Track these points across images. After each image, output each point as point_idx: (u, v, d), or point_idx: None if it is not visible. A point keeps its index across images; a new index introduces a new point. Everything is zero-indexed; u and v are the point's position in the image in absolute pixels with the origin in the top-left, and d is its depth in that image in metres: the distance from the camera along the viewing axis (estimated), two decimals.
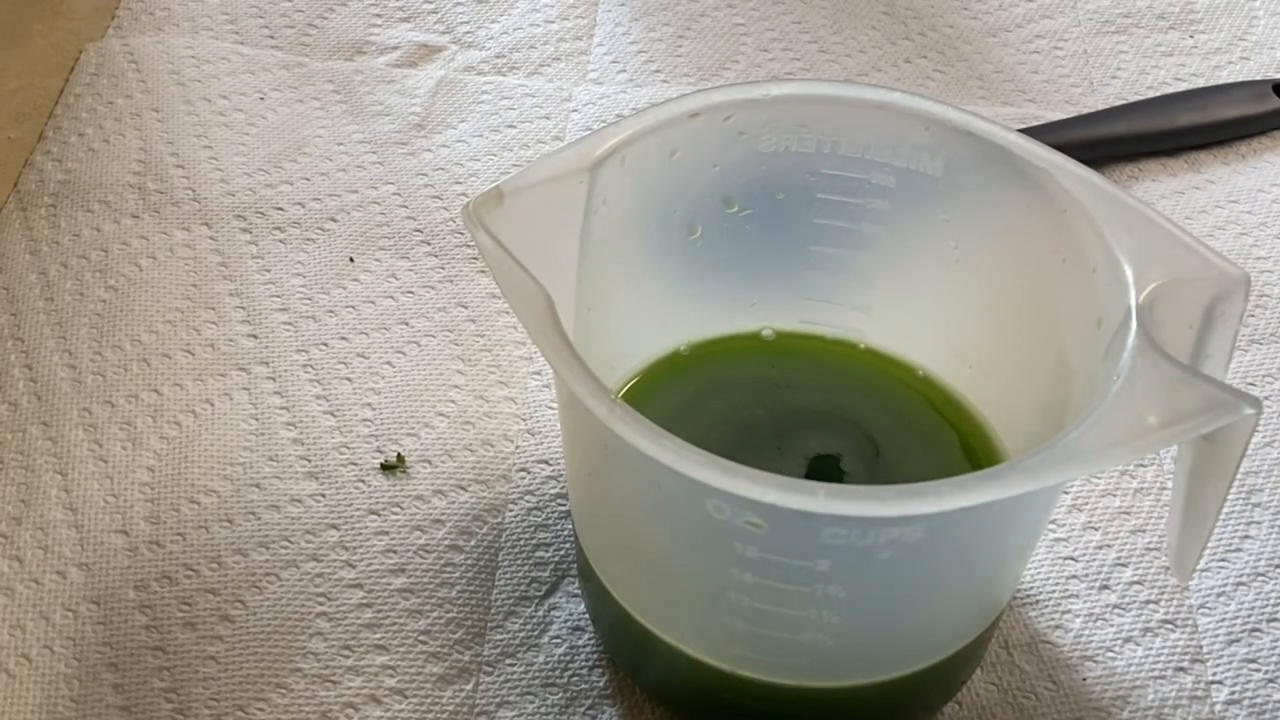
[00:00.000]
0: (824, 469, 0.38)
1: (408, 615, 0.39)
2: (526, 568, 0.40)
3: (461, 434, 0.43)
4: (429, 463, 0.43)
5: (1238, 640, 0.39)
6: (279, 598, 0.39)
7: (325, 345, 0.46)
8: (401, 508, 0.42)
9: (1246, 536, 0.41)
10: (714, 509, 0.29)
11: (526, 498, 0.42)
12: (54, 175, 0.51)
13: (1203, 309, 0.32)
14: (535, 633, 0.39)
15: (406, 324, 0.47)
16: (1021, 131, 0.37)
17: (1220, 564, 0.41)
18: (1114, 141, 0.52)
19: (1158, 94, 0.55)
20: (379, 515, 0.41)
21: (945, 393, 0.39)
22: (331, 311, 0.47)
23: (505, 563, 0.40)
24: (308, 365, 0.45)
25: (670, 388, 0.39)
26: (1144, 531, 0.41)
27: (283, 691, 0.38)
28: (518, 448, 0.43)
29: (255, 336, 0.46)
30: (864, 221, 0.38)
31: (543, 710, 0.37)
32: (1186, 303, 0.32)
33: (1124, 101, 0.54)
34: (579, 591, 0.39)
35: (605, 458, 0.33)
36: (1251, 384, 0.45)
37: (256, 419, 0.44)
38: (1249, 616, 0.40)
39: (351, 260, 0.49)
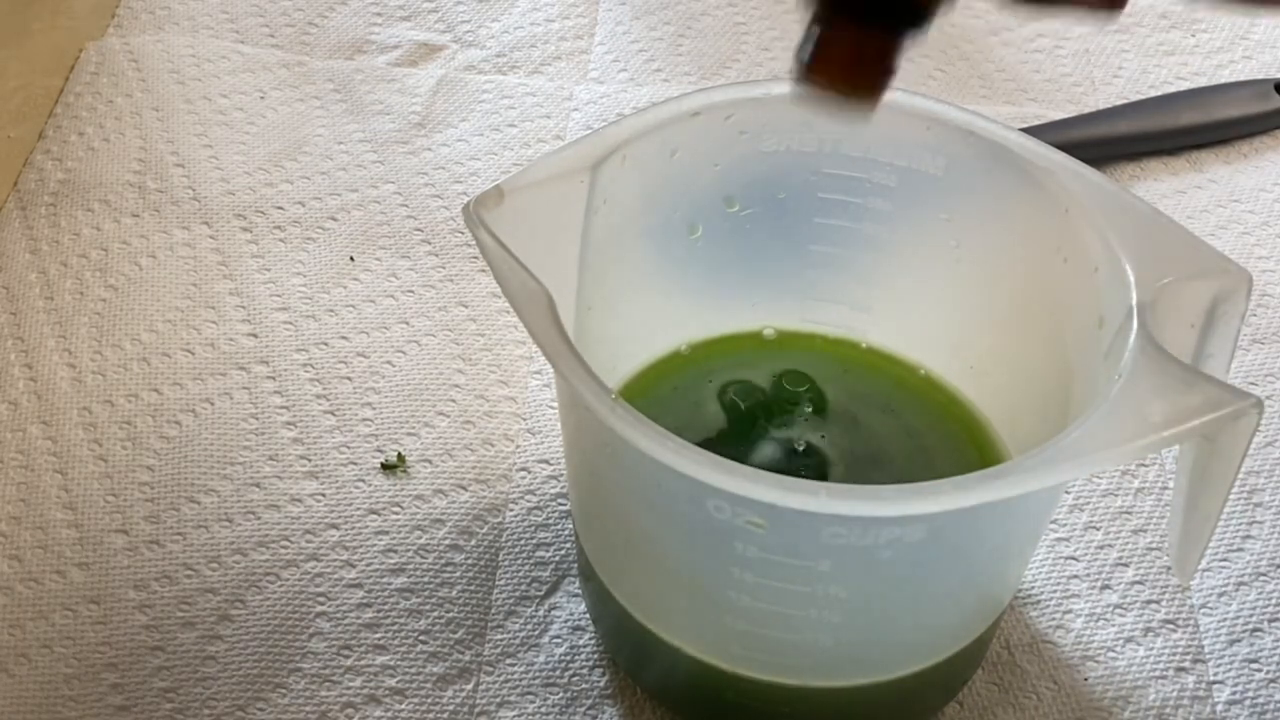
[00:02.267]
0: (824, 468, 0.38)
1: (408, 615, 0.39)
2: (527, 567, 0.40)
3: (462, 433, 0.43)
4: (429, 462, 0.43)
5: (1239, 640, 0.39)
6: (279, 597, 0.39)
7: (325, 344, 0.46)
8: (402, 507, 0.41)
9: (1248, 536, 0.41)
10: (714, 508, 0.29)
11: (527, 497, 0.42)
12: (54, 174, 0.51)
13: (1204, 308, 0.32)
14: (536, 632, 0.39)
15: (407, 323, 0.47)
16: (1023, 131, 0.37)
17: (1222, 564, 0.41)
18: (1116, 141, 0.52)
19: (1160, 93, 0.55)
20: (379, 515, 0.41)
21: (946, 392, 0.39)
22: (332, 311, 0.47)
23: (506, 562, 0.40)
24: (308, 364, 0.45)
25: (671, 387, 0.39)
26: (1145, 531, 0.41)
27: (282, 691, 0.37)
28: (518, 447, 0.43)
29: (255, 336, 0.46)
30: (865, 221, 0.38)
31: (543, 710, 0.37)
32: (1188, 302, 0.32)
33: (1126, 100, 0.54)
34: (579, 591, 0.39)
35: (606, 457, 0.33)
36: (1253, 384, 0.45)
37: (256, 418, 0.44)
38: (1250, 616, 0.39)
39: (352, 259, 0.48)
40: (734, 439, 0.38)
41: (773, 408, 0.39)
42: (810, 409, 0.39)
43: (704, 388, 0.40)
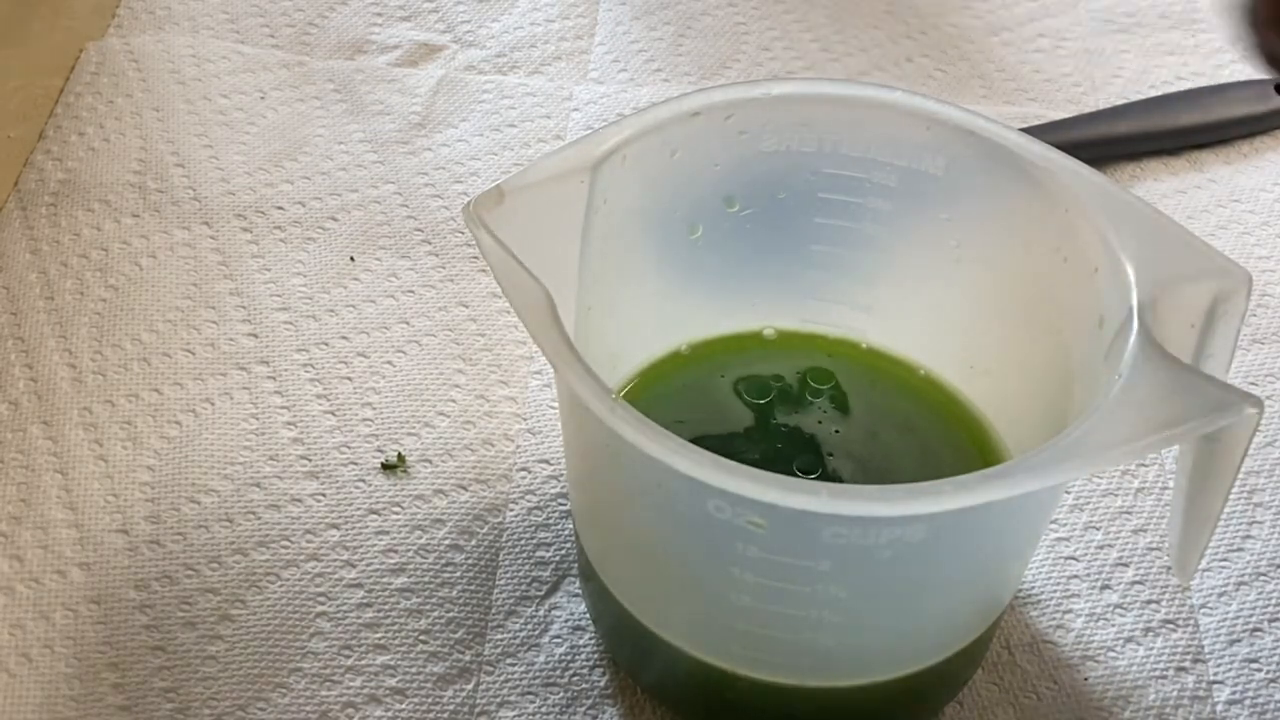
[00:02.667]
0: (825, 468, 0.38)
1: (408, 615, 0.39)
2: (527, 567, 0.40)
3: (462, 433, 0.43)
4: (429, 462, 0.43)
5: (1239, 640, 0.39)
6: (279, 597, 0.39)
7: (326, 344, 0.46)
8: (402, 507, 0.41)
9: (1248, 536, 0.41)
10: (715, 508, 0.29)
11: (527, 497, 0.42)
12: (54, 174, 0.51)
13: (1204, 308, 0.32)
14: (536, 632, 0.39)
15: (407, 323, 0.47)
16: (1023, 131, 0.37)
17: (1222, 564, 0.41)
18: (1116, 141, 0.52)
19: (1160, 93, 0.55)
20: (379, 515, 0.41)
21: (947, 392, 0.39)
22: (332, 311, 0.47)
23: (506, 562, 0.40)
24: (308, 364, 0.45)
25: (671, 387, 0.39)
26: (1145, 531, 0.41)
27: (283, 691, 0.37)
28: (518, 447, 0.43)
29: (255, 336, 0.46)
30: (865, 221, 0.38)
31: (543, 710, 0.37)
32: (1188, 302, 0.32)
33: (1126, 100, 0.54)
34: (580, 591, 0.39)
35: (606, 457, 0.33)
36: (1253, 384, 0.45)
37: (257, 418, 0.44)
38: (1250, 616, 0.39)
39: (352, 259, 0.48)
40: (734, 439, 0.38)
41: (773, 408, 0.39)
42: (810, 409, 0.39)
43: (706, 386, 0.40)
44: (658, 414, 0.29)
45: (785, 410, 0.39)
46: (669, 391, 0.39)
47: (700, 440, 0.28)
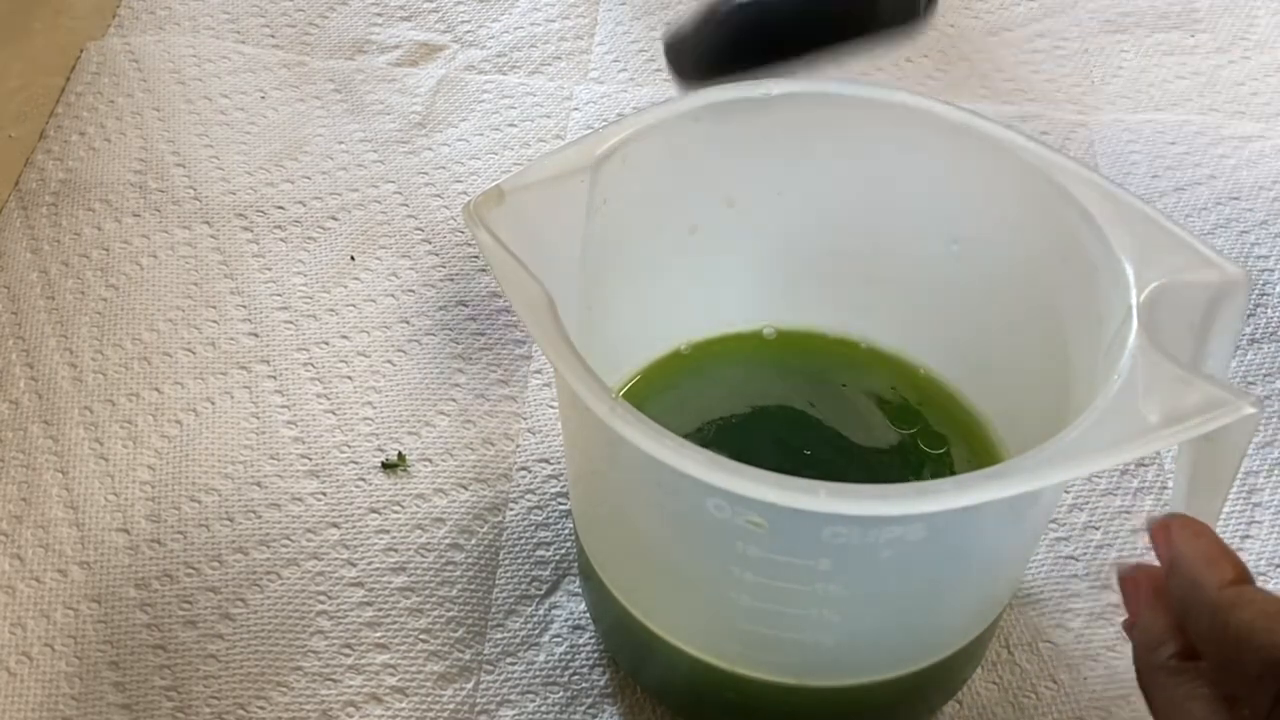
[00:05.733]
0: (825, 468, 0.38)
1: (408, 614, 0.39)
2: (527, 566, 0.40)
3: (462, 432, 0.43)
4: (430, 461, 0.43)
5: None
6: (280, 596, 0.39)
7: (326, 344, 0.46)
8: (402, 506, 0.42)
9: (1247, 536, 0.41)
10: (715, 508, 0.29)
11: (527, 496, 0.42)
12: (55, 174, 0.51)
13: (1203, 308, 0.32)
14: (536, 631, 0.39)
15: (407, 322, 0.47)
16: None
17: None
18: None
19: (1159, 92, 0.55)
20: (380, 514, 0.41)
21: (946, 392, 0.39)
22: (332, 310, 0.47)
23: (506, 561, 0.40)
24: (309, 364, 0.45)
25: (671, 387, 0.39)
26: (1145, 531, 0.41)
27: (284, 689, 0.38)
28: (518, 446, 0.43)
29: (256, 335, 0.46)
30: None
31: (543, 709, 0.37)
32: (1187, 302, 0.32)
33: (1125, 100, 0.54)
34: (579, 590, 0.39)
35: (606, 457, 0.33)
36: (1252, 383, 0.45)
37: (257, 417, 0.44)
38: None
39: (352, 259, 0.49)
40: (734, 438, 0.38)
41: (772, 407, 0.39)
42: (810, 409, 0.39)
43: (704, 387, 0.40)
44: (657, 413, 0.29)
45: (784, 410, 0.39)
46: (669, 391, 0.39)
47: (700, 439, 0.28)
